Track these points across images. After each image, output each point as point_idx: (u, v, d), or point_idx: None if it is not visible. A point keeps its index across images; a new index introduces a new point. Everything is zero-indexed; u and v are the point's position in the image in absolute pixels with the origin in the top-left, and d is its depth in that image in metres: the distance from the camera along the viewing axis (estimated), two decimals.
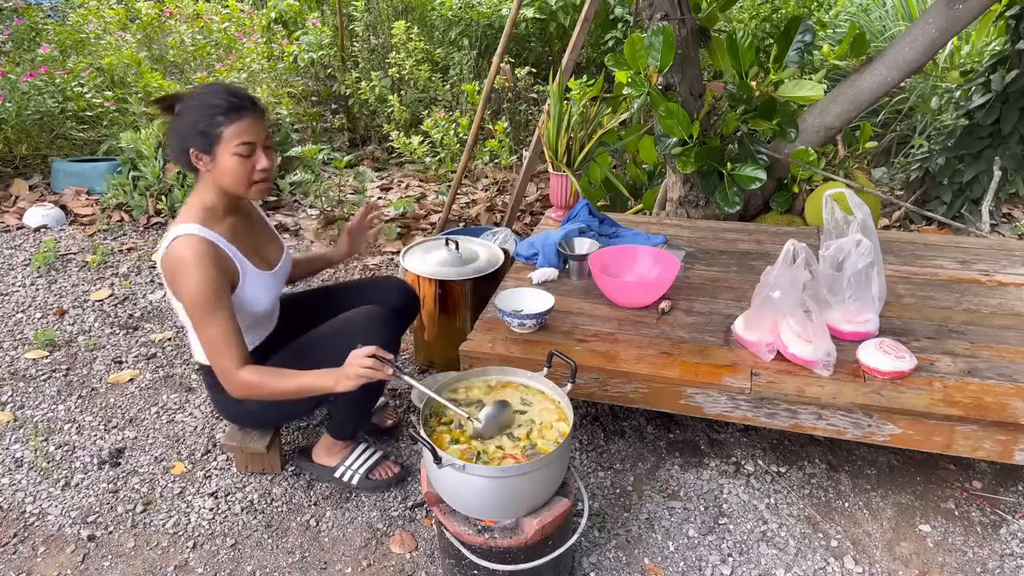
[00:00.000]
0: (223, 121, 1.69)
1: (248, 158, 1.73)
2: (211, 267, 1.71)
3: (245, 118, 1.71)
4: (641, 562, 1.84)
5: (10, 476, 2.14)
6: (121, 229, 3.85)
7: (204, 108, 1.70)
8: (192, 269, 1.70)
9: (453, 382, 1.77)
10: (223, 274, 1.75)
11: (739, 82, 2.85)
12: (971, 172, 3.69)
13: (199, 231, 1.74)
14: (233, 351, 1.74)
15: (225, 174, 1.74)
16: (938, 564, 1.83)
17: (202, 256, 1.71)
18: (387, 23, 5.05)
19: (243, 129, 1.71)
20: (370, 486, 2.08)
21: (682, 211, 3.23)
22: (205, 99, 1.71)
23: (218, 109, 1.69)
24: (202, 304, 1.71)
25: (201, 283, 1.70)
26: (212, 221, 1.79)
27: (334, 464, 2.10)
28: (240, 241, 1.85)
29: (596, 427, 2.33)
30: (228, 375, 1.75)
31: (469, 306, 2.56)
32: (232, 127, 1.70)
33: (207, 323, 1.73)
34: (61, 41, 5.00)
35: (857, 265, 1.97)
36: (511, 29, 3.33)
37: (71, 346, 2.82)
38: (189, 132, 1.72)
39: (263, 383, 1.75)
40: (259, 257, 1.92)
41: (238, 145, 1.71)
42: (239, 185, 1.76)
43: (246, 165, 1.74)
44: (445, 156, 4.37)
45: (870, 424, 1.78)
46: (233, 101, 1.71)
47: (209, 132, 1.70)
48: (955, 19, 2.70)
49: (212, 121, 1.69)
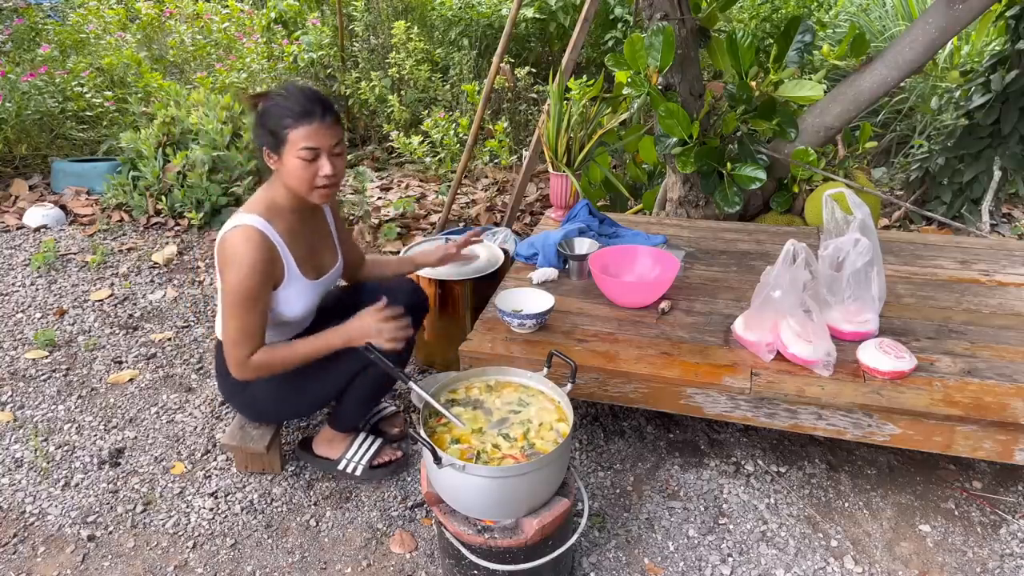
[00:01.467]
0: (290, 124, 1.73)
1: (311, 163, 1.76)
2: (260, 265, 1.76)
3: (312, 123, 1.73)
4: (641, 562, 1.84)
5: (10, 476, 2.14)
6: (121, 229, 3.85)
7: (277, 109, 1.75)
8: (241, 261, 1.74)
9: (453, 382, 1.77)
10: (268, 274, 1.79)
11: (739, 82, 2.85)
12: (971, 172, 3.69)
13: (260, 224, 1.78)
14: (251, 344, 1.80)
15: (289, 175, 1.78)
16: (938, 564, 1.83)
17: (255, 252, 1.75)
18: (387, 23, 5.05)
19: (309, 134, 1.73)
20: (375, 475, 2.11)
21: (682, 211, 3.23)
22: (281, 100, 1.76)
23: (288, 112, 1.73)
24: (239, 297, 1.76)
25: (245, 279, 1.74)
26: (275, 217, 1.84)
27: (336, 456, 2.12)
28: (295, 244, 1.89)
29: (596, 427, 2.33)
30: (239, 363, 1.81)
31: (469, 306, 2.56)
32: (298, 131, 1.73)
33: (237, 315, 1.77)
34: (61, 41, 5.00)
35: (856, 264, 1.97)
36: (511, 29, 3.33)
37: (71, 346, 2.82)
38: (262, 131, 1.77)
39: (272, 359, 1.81)
40: (310, 264, 1.94)
41: (301, 149, 1.74)
42: (301, 187, 1.79)
43: (309, 169, 1.76)
44: (445, 156, 4.37)
45: (870, 424, 1.78)
46: (304, 106, 1.74)
47: (277, 133, 1.74)
48: (955, 19, 2.70)
49: (281, 123, 1.73)
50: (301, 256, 1.90)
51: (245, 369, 1.81)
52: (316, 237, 1.99)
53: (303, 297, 1.92)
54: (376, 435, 2.22)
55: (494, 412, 1.69)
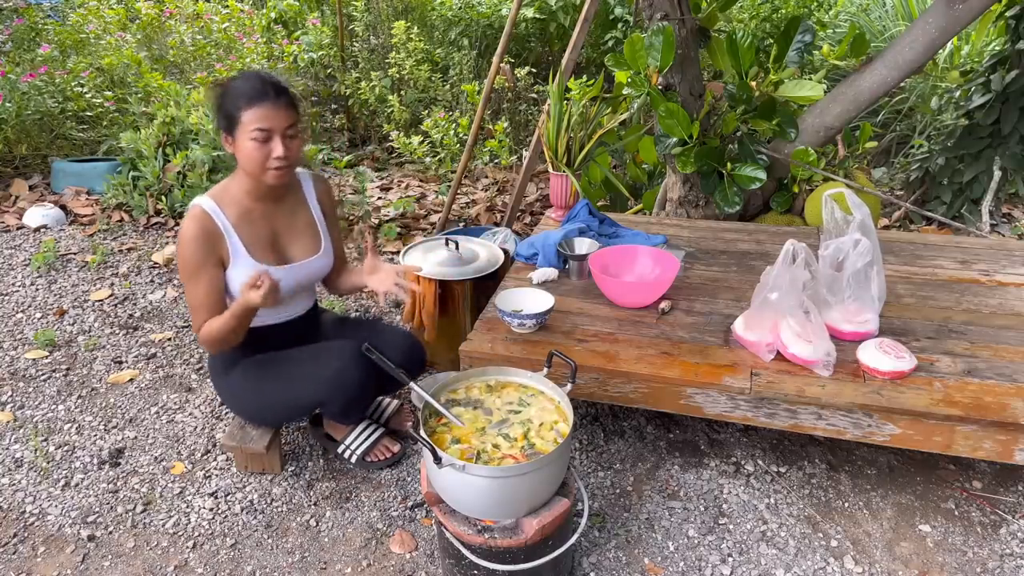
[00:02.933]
0: (243, 106, 1.77)
1: (264, 144, 1.79)
2: (195, 240, 1.83)
3: (264, 105, 1.77)
4: (641, 562, 1.84)
5: (10, 476, 2.14)
6: (121, 229, 3.85)
7: (232, 92, 1.79)
8: (182, 239, 1.83)
9: (453, 382, 1.78)
10: (206, 250, 1.85)
11: (739, 82, 2.85)
12: (971, 172, 3.69)
13: (206, 204, 1.86)
14: (202, 315, 1.88)
15: (243, 157, 1.82)
16: (938, 564, 1.83)
17: (193, 227, 1.82)
18: (387, 23, 5.05)
19: (260, 116, 1.76)
20: (365, 466, 2.15)
21: (682, 211, 3.23)
22: (237, 84, 1.81)
23: (241, 94, 1.77)
24: (183, 269, 1.86)
25: (185, 252, 1.84)
26: (225, 201, 1.89)
27: (339, 438, 2.18)
28: (250, 228, 1.91)
29: (596, 427, 2.33)
30: (196, 332, 1.91)
31: (469, 306, 2.56)
32: (250, 112, 1.76)
33: (188, 289, 1.88)
34: (61, 41, 5.00)
35: (856, 264, 1.97)
36: (511, 29, 3.33)
37: (71, 346, 2.82)
38: (219, 115, 1.82)
39: (211, 325, 1.87)
40: (268, 249, 1.94)
41: (254, 130, 1.77)
42: (255, 169, 1.83)
43: (262, 151, 1.79)
44: (445, 156, 4.37)
45: (870, 424, 1.78)
46: (256, 88, 1.78)
47: (232, 116, 1.79)
48: (955, 19, 2.70)
49: (235, 105, 1.78)
50: (255, 241, 1.91)
51: (201, 339, 1.89)
52: (284, 224, 1.99)
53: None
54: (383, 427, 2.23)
55: (494, 412, 1.69)
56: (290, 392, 1.98)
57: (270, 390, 1.99)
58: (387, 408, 2.36)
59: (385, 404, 2.38)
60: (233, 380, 2.03)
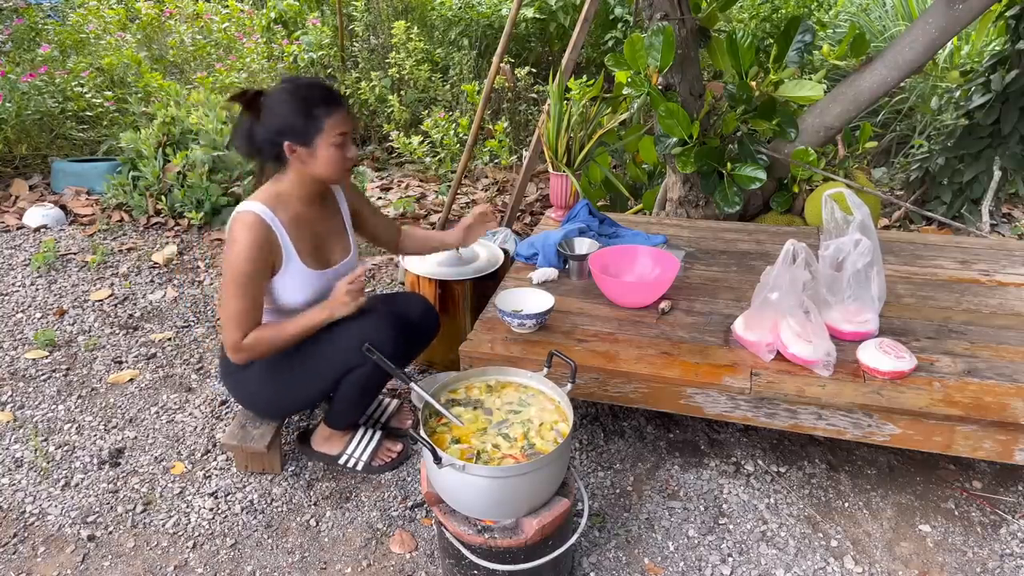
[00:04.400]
0: (322, 113, 1.76)
1: (342, 148, 1.81)
2: (254, 249, 1.79)
3: (341, 110, 1.79)
4: (641, 562, 1.84)
5: (10, 476, 2.14)
6: (121, 229, 3.85)
7: (300, 101, 1.76)
8: (237, 245, 1.78)
9: (453, 382, 1.77)
10: (263, 259, 1.82)
11: (739, 82, 2.85)
12: (971, 172, 3.69)
13: (260, 210, 1.82)
14: (243, 327, 1.83)
15: (322, 164, 1.81)
16: (938, 564, 1.83)
17: (250, 236, 1.79)
18: (387, 23, 5.05)
19: (340, 121, 1.78)
20: (375, 471, 2.13)
21: (682, 211, 3.23)
22: (299, 92, 1.77)
23: (315, 102, 1.76)
24: (232, 280, 1.80)
25: (239, 262, 1.79)
26: (279, 206, 1.86)
27: (336, 452, 2.15)
28: (300, 233, 1.91)
29: (596, 427, 2.33)
30: (232, 346, 1.85)
31: (469, 306, 2.56)
32: (332, 119, 1.77)
33: (231, 297, 1.81)
34: (61, 41, 5.01)
35: (856, 265, 1.97)
36: (511, 29, 3.33)
37: (71, 346, 2.82)
38: (285, 125, 1.77)
39: (261, 338, 1.84)
40: (315, 254, 1.95)
41: (337, 135, 1.78)
42: (334, 173, 1.84)
43: (341, 154, 1.81)
44: (445, 156, 4.37)
45: (870, 424, 1.78)
46: (328, 94, 1.78)
47: (310, 124, 1.76)
48: (955, 19, 2.70)
49: (312, 113, 1.75)
50: (305, 246, 1.92)
51: (239, 351, 1.85)
52: (325, 229, 2.00)
53: (304, 286, 1.93)
54: (381, 430, 2.23)
55: (494, 412, 1.69)
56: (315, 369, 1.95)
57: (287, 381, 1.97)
58: (388, 407, 2.37)
59: (386, 403, 2.38)
60: (250, 374, 1.99)
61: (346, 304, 1.86)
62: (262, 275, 1.84)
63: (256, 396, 2.05)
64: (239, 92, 1.81)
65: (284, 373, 1.96)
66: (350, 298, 1.85)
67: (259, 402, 2.07)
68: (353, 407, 2.06)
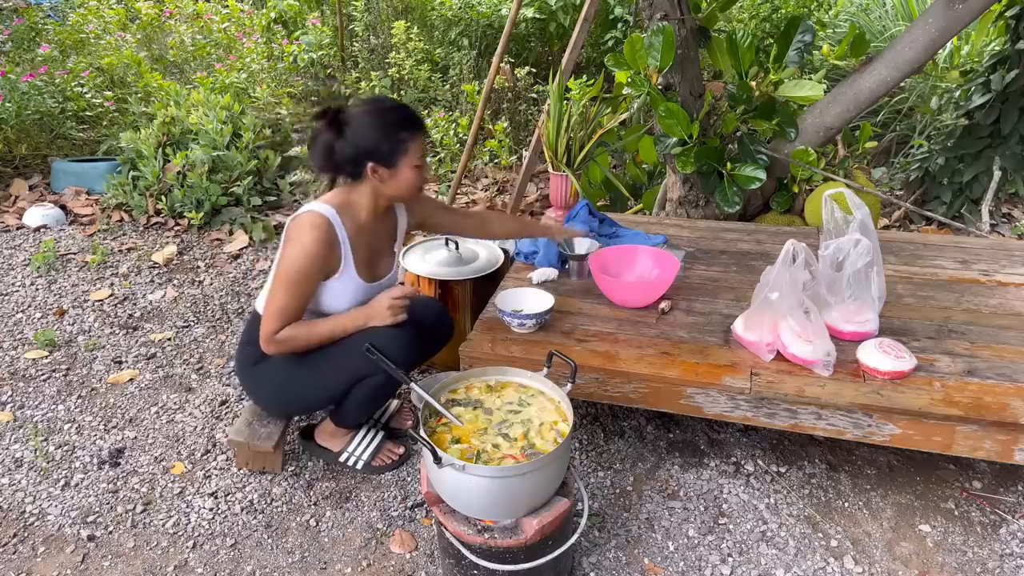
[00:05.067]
0: (408, 137, 1.79)
1: (421, 169, 1.85)
2: (317, 250, 1.80)
3: (424, 133, 1.83)
4: (641, 562, 1.84)
5: (10, 476, 2.14)
6: (121, 229, 3.85)
7: (388, 125, 1.79)
8: (300, 244, 1.80)
9: (453, 382, 1.77)
10: (323, 262, 1.84)
11: (739, 82, 2.85)
12: (971, 172, 3.69)
13: (330, 214, 1.84)
14: (283, 322, 1.85)
15: (401, 185, 1.85)
16: (938, 564, 1.83)
17: (317, 236, 1.80)
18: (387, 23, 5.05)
19: (421, 144, 1.83)
20: (374, 471, 2.13)
21: (682, 211, 3.23)
22: (387, 116, 1.80)
23: (402, 125, 1.79)
24: (288, 276, 1.82)
25: (298, 261, 1.80)
26: (347, 214, 1.88)
27: (338, 448, 2.15)
28: (359, 243, 1.93)
29: (596, 427, 2.33)
30: (267, 337, 1.86)
31: (469, 306, 2.56)
32: (415, 143, 1.81)
33: (281, 293, 1.83)
34: (61, 41, 5.01)
35: (856, 265, 1.97)
36: (511, 29, 3.33)
37: (71, 346, 2.82)
38: (371, 147, 1.79)
39: (295, 335, 1.86)
40: (367, 266, 1.98)
41: (418, 159, 1.82)
42: (410, 194, 1.90)
43: (420, 176, 1.86)
44: (445, 156, 4.37)
45: (870, 424, 1.78)
46: (413, 117, 1.82)
47: (395, 147, 1.79)
48: (955, 19, 2.70)
49: (398, 136, 1.78)
50: (361, 256, 1.94)
51: (272, 343, 1.87)
52: (379, 243, 2.03)
53: (352, 294, 1.95)
54: (384, 430, 2.23)
55: (494, 412, 1.69)
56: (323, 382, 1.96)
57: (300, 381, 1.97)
58: (389, 407, 2.37)
59: (387, 403, 2.39)
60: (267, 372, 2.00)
61: (385, 318, 1.87)
62: (318, 276, 1.86)
63: (269, 393, 2.05)
64: (322, 110, 1.82)
65: (300, 375, 1.96)
66: (391, 312, 1.87)
67: (271, 399, 2.08)
68: (362, 410, 2.07)
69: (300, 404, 2.10)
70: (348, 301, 1.95)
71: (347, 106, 1.84)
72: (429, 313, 2.18)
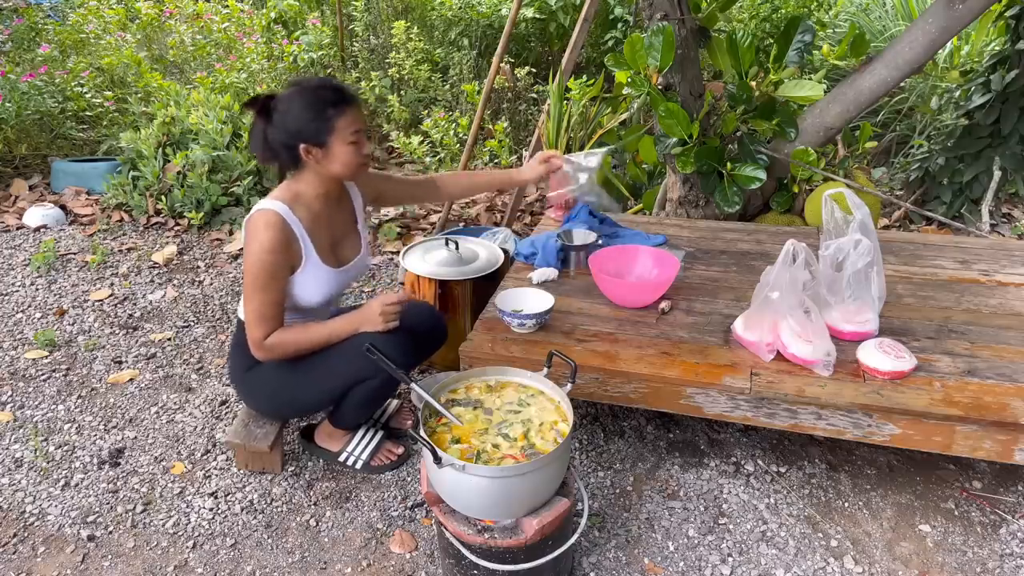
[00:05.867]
0: (335, 113, 1.76)
1: (357, 145, 1.81)
2: (274, 246, 1.80)
3: (353, 107, 1.79)
4: (641, 562, 1.84)
5: (10, 476, 2.14)
6: (121, 229, 3.85)
7: (313, 103, 1.76)
8: (258, 243, 1.79)
9: (453, 382, 1.77)
10: (283, 257, 1.83)
11: (739, 82, 2.85)
12: (971, 172, 3.69)
13: (281, 209, 1.82)
14: (267, 325, 1.84)
15: (338, 163, 1.82)
16: (938, 564, 1.83)
17: (273, 236, 1.79)
18: (387, 23, 5.05)
19: (353, 118, 1.79)
20: (374, 471, 2.14)
21: (682, 211, 3.23)
22: (311, 95, 1.77)
23: (328, 102, 1.76)
24: (254, 277, 1.81)
25: (260, 260, 1.79)
26: (297, 206, 1.86)
27: (337, 448, 2.15)
28: (317, 231, 1.92)
29: (596, 427, 2.33)
30: (255, 343, 1.86)
31: (469, 306, 2.56)
32: (344, 118, 1.77)
33: (253, 296, 1.83)
34: (61, 41, 5.01)
35: (856, 265, 1.97)
36: (511, 29, 3.33)
37: (71, 346, 2.82)
38: (299, 127, 1.76)
39: (284, 339, 1.86)
40: (331, 252, 1.97)
41: (352, 133, 1.79)
42: (350, 170, 1.85)
43: (358, 151, 1.82)
44: (445, 156, 4.37)
45: (870, 424, 1.78)
46: (339, 92, 1.78)
47: (323, 125, 1.76)
48: (955, 19, 2.70)
49: (324, 114, 1.75)
50: (322, 244, 1.93)
51: (261, 349, 1.86)
52: (340, 227, 2.01)
53: (321, 284, 1.94)
54: (383, 430, 2.23)
55: (494, 412, 1.69)
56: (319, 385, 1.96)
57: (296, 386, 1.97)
58: (388, 407, 2.37)
59: (387, 403, 2.39)
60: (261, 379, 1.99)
61: (376, 324, 1.87)
62: (283, 272, 1.85)
63: (264, 398, 2.05)
64: (251, 99, 1.81)
65: (294, 380, 1.96)
66: (382, 320, 1.86)
67: (267, 404, 2.08)
68: (359, 412, 2.07)
69: (296, 407, 2.10)
70: (321, 290, 1.94)
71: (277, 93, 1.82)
72: (423, 319, 2.17)
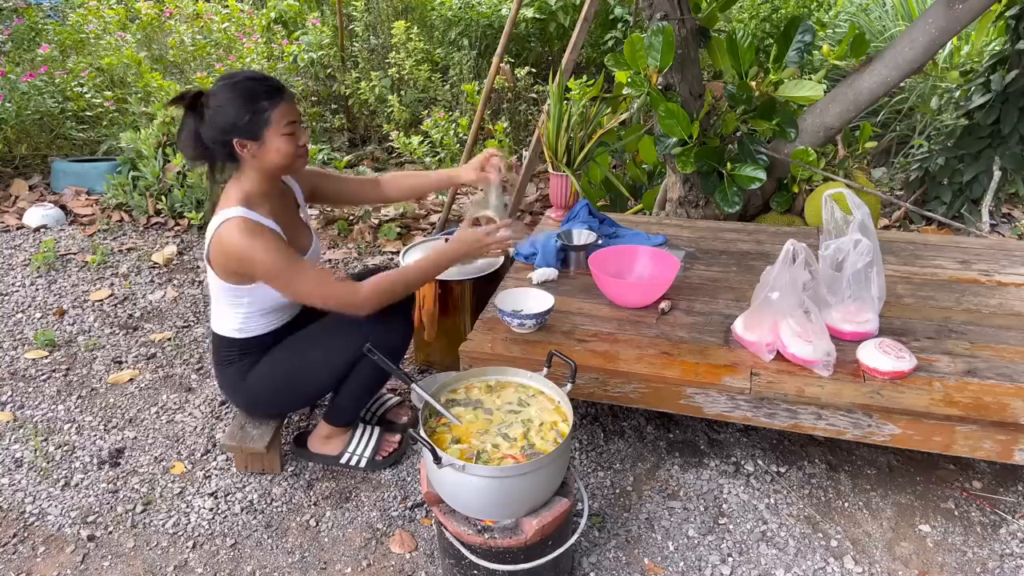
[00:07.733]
0: (267, 106, 1.74)
1: (293, 136, 1.80)
2: (269, 234, 1.79)
3: (285, 100, 1.77)
4: (641, 562, 1.84)
5: (10, 476, 2.14)
6: (121, 229, 3.85)
7: (243, 97, 1.73)
8: (253, 244, 1.76)
9: (453, 382, 1.77)
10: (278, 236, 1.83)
11: (739, 82, 2.85)
12: (971, 172, 3.69)
13: (246, 213, 1.80)
14: (339, 284, 1.84)
15: (273, 156, 1.79)
16: (938, 564, 1.83)
17: (258, 230, 1.78)
18: (387, 23, 5.05)
19: (286, 110, 1.77)
20: (379, 465, 2.13)
21: (682, 211, 3.23)
22: (242, 88, 1.74)
23: (258, 95, 1.74)
24: (281, 266, 1.78)
25: (268, 251, 1.77)
26: (255, 205, 1.85)
27: (337, 452, 2.14)
28: (282, 222, 1.91)
29: (596, 427, 2.33)
30: (352, 302, 1.84)
31: (469, 306, 2.56)
32: (277, 110, 1.75)
33: (296, 279, 1.81)
34: (61, 41, 5.01)
35: (856, 265, 1.97)
36: (511, 29, 3.33)
37: (71, 346, 2.82)
38: (231, 123, 1.74)
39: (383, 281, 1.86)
40: (293, 244, 1.96)
41: (286, 125, 1.77)
42: (287, 162, 1.82)
43: (293, 143, 1.80)
44: (445, 156, 4.37)
45: (870, 424, 1.78)
46: (270, 85, 1.77)
47: (257, 118, 1.74)
48: (955, 19, 2.70)
49: (256, 107, 1.73)
50: (288, 234, 1.93)
51: (364, 301, 1.84)
52: (290, 219, 2.01)
53: None
54: (379, 425, 2.23)
55: (494, 412, 1.69)
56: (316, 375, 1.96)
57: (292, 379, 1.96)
58: (387, 402, 2.37)
59: (386, 397, 2.39)
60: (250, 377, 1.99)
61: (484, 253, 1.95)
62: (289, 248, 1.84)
63: (269, 396, 2.04)
64: (179, 95, 1.79)
65: (295, 368, 1.96)
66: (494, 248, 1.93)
67: (272, 404, 2.07)
68: (359, 399, 2.07)
69: (304, 394, 2.05)
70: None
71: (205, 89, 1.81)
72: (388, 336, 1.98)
